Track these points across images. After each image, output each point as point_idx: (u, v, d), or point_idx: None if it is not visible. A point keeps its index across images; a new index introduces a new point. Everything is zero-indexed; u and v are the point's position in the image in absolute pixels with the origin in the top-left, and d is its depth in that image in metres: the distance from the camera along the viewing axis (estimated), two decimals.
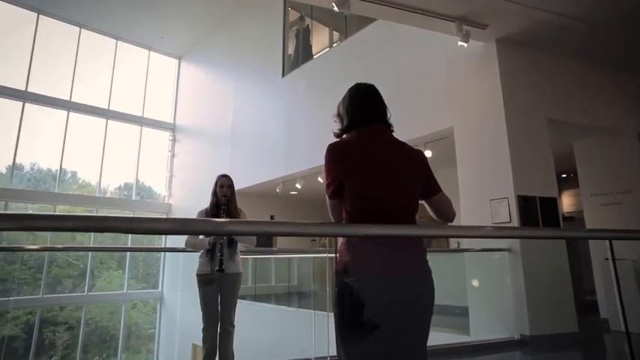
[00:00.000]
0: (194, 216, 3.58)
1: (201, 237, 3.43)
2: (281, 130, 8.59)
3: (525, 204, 4.73)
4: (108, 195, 12.88)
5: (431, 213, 1.70)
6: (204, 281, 3.32)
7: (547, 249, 4.65)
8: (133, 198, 12.47)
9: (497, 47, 4.99)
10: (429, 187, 1.63)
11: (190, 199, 11.72)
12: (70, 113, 11.37)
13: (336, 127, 1.82)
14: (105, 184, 12.64)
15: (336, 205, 1.62)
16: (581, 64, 5.48)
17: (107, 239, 13.39)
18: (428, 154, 6.03)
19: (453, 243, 6.92)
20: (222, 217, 3.30)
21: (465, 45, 4.77)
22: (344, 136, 1.74)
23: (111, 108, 12.09)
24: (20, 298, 10.27)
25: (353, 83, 1.83)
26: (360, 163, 1.55)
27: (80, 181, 12.69)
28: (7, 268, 10.50)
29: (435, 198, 1.64)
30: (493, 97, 4.97)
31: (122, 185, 12.94)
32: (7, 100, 10.50)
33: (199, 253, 3.41)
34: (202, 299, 3.34)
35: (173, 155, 13.06)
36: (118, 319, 11.69)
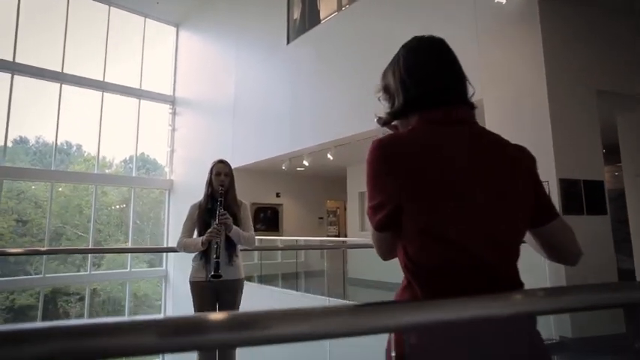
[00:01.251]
0: (190, 204, 2.99)
1: (195, 236, 2.87)
2: (286, 103, 7.82)
3: (568, 188, 4.10)
4: (114, 168, 12.55)
5: (536, 248, 1.01)
6: (199, 290, 2.74)
7: (591, 233, 4.04)
8: (134, 174, 11.93)
9: (540, 5, 4.22)
10: (543, 209, 0.95)
11: (192, 175, 11.13)
12: (63, 86, 10.65)
13: (377, 107, 1.18)
14: (110, 157, 12.37)
15: (388, 240, 0.96)
16: (633, 25, 4.68)
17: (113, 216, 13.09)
18: None
19: None
20: (219, 211, 2.70)
21: (503, 1, 4.01)
22: (394, 123, 1.11)
23: (107, 80, 11.35)
24: (25, 277, 10.17)
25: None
26: (431, 178, 0.89)
27: (85, 154, 12.33)
28: (18, 240, 10.78)
29: (551, 226, 0.95)
30: (533, 65, 4.20)
31: (127, 158, 12.41)
32: None
33: (192, 256, 2.83)
34: (197, 310, 2.76)
35: (174, 129, 12.36)
36: (130, 289, 11.62)
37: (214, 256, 2.57)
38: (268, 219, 9.06)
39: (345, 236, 11.34)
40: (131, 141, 11.90)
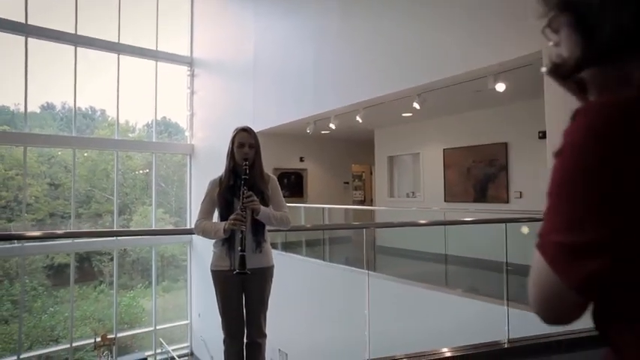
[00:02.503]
0: (209, 173, 2.52)
1: (215, 217, 2.42)
2: (310, 63, 7.07)
3: None
4: (136, 133, 12.37)
5: None
6: (222, 280, 2.29)
7: None
8: (154, 139, 11.60)
9: None
10: None
11: (212, 140, 10.69)
12: (78, 49, 10.16)
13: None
14: (133, 121, 12.26)
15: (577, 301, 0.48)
16: None
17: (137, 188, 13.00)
18: (500, 87, 4.65)
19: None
20: (244, 192, 2.23)
21: None
22: (583, 74, 0.56)
23: (122, 42, 10.76)
24: (55, 243, 10.15)
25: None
26: None
27: (109, 119, 12.18)
28: (52, 203, 10.97)
29: None
30: None
31: (149, 122, 12.05)
32: (7, 34, 9.34)
33: (213, 241, 2.36)
34: (220, 302, 2.33)
35: (192, 92, 11.81)
36: (157, 251, 11.65)
37: (239, 248, 2.11)
38: (292, 184, 8.64)
39: (371, 201, 10.87)
40: (151, 105, 11.51)
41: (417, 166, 7.56)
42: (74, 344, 10.22)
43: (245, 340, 2.36)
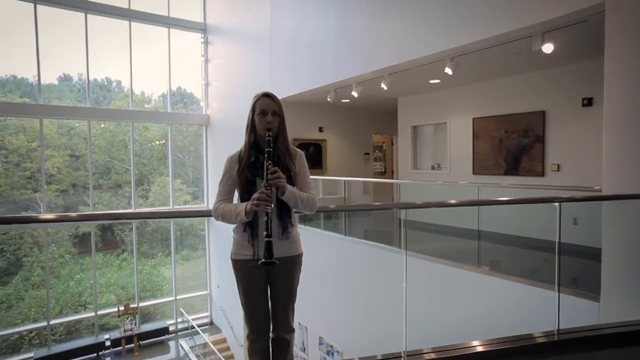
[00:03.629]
0: (225, 156, 2.18)
1: (235, 200, 2.09)
2: (330, 26, 6.47)
3: None
4: (152, 104, 12.18)
5: None
6: (245, 270, 1.96)
7: None
8: (169, 110, 11.29)
9: None
10: None
11: (228, 111, 10.31)
12: (88, 16, 9.72)
13: None
14: (148, 92, 12.08)
15: None
16: None
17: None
18: (548, 48, 4.10)
19: None
20: (268, 168, 1.88)
21: None
22: None
23: (132, 7, 10.26)
24: (73, 214, 10.16)
25: None
26: None
27: (125, 90, 11.87)
28: (73, 174, 11.17)
29: None
30: None
31: (165, 93, 11.77)
32: (19, 2, 8.95)
33: (233, 227, 2.03)
34: (243, 295, 2.00)
35: (207, 60, 11.33)
36: (176, 221, 11.61)
37: (265, 233, 1.75)
38: (311, 156, 8.26)
39: (392, 173, 10.45)
40: (166, 75, 11.15)
41: (443, 136, 7.06)
42: (99, 312, 10.41)
43: (271, 336, 2.08)
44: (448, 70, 4.95)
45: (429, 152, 7.43)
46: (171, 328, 10.42)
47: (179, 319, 10.87)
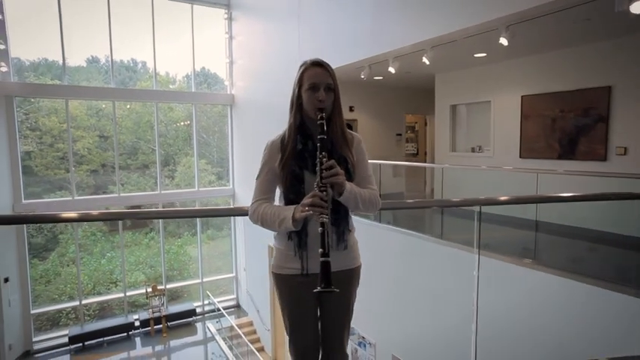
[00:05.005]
0: (263, 148, 1.72)
1: (278, 200, 1.61)
2: None
3: None
4: (177, 84, 12.00)
5: None
6: (291, 287, 1.55)
7: None
8: (193, 90, 10.93)
9: None
10: None
11: (253, 90, 9.83)
12: None
13: None
14: (172, 73, 11.86)
15: None
16: None
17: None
18: (637, 8, 3.41)
19: None
20: (321, 157, 1.38)
21: None
22: None
23: None
24: (105, 196, 10.40)
25: None
26: None
27: (150, 71, 11.70)
28: (103, 154, 11.23)
29: None
30: None
31: (189, 73, 11.49)
32: None
33: (274, 234, 1.59)
34: (287, 315, 1.56)
35: (231, 37, 10.83)
36: (201, 200, 11.42)
37: (320, 251, 1.28)
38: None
39: (425, 155, 9.82)
40: (189, 55, 10.76)
41: (486, 116, 6.40)
42: (128, 293, 10.43)
43: None
44: (503, 41, 4.30)
45: (470, 133, 6.78)
46: (198, 310, 10.34)
47: (206, 302, 10.77)
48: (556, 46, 5.20)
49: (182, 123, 13.28)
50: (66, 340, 8.83)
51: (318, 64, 1.51)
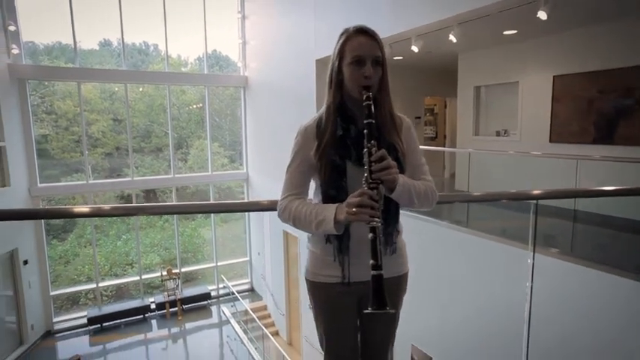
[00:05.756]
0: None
1: (312, 195, 1.36)
2: None
3: None
4: (189, 67, 11.84)
5: None
6: (330, 296, 1.32)
7: None
8: (205, 72, 10.65)
9: None
10: None
11: (267, 72, 9.51)
12: None
13: None
14: (184, 56, 11.76)
15: None
16: None
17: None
18: None
19: None
20: (370, 146, 1.12)
21: None
22: None
23: None
24: (120, 180, 10.26)
25: None
26: None
27: (162, 54, 11.59)
28: (117, 137, 11.20)
29: None
30: None
31: (200, 56, 11.28)
32: None
33: (309, 236, 1.36)
34: (324, 330, 1.36)
35: (243, 17, 10.45)
36: (214, 184, 11.32)
37: (372, 262, 1.03)
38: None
39: (445, 138, 9.44)
40: (201, 37, 10.46)
41: (513, 98, 6.00)
42: (143, 276, 10.44)
43: None
44: (542, 15, 3.91)
45: (495, 116, 6.39)
46: (212, 294, 10.32)
47: (220, 285, 10.74)
48: (597, 19, 4.75)
49: (194, 106, 13.19)
50: (84, 321, 8.89)
51: (364, 32, 1.23)
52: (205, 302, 10.00)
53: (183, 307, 9.56)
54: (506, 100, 6.19)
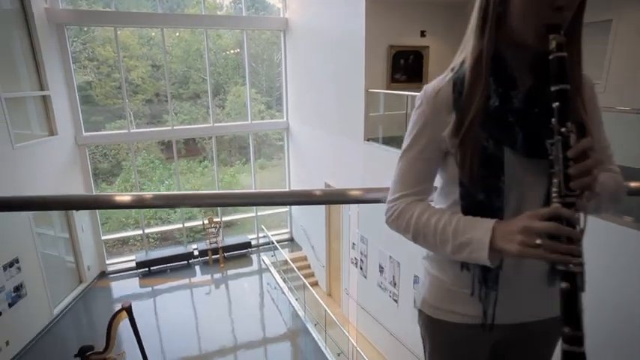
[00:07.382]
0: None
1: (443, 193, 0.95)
2: None
3: None
4: (224, 10, 11.50)
5: None
6: (456, 342, 0.89)
7: None
8: (243, 14, 9.92)
9: None
10: None
11: (311, 14, 8.65)
12: None
13: None
14: None
15: None
16: None
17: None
18: None
19: None
20: (566, 138, 0.66)
21: None
22: None
23: None
24: (159, 129, 10.14)
25: None
26: None
27: None
28: (156, 84, 11.31)
29: None
30: None
31: None
32: None
33: (436, 258, 0.91)
34: None
35: None
36: (252, 130, 10.84)
37: (567, 329, 0.52)
38: (409, 67, 6.67)
39: None
40: None
41: (601, 40, 5.03)
42: (186, 224, 10.66)
43: None
44: None
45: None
46: (252, 243, 10.43)
47: (260, 234, 10.81)
48: None
49: (231, 51, 12.80)
50: (134, 264, 9.26)
51: None
52: (245, 250, 10.14)
53: (225, 254, 9.73)
54: (591, 43, 5.22)
